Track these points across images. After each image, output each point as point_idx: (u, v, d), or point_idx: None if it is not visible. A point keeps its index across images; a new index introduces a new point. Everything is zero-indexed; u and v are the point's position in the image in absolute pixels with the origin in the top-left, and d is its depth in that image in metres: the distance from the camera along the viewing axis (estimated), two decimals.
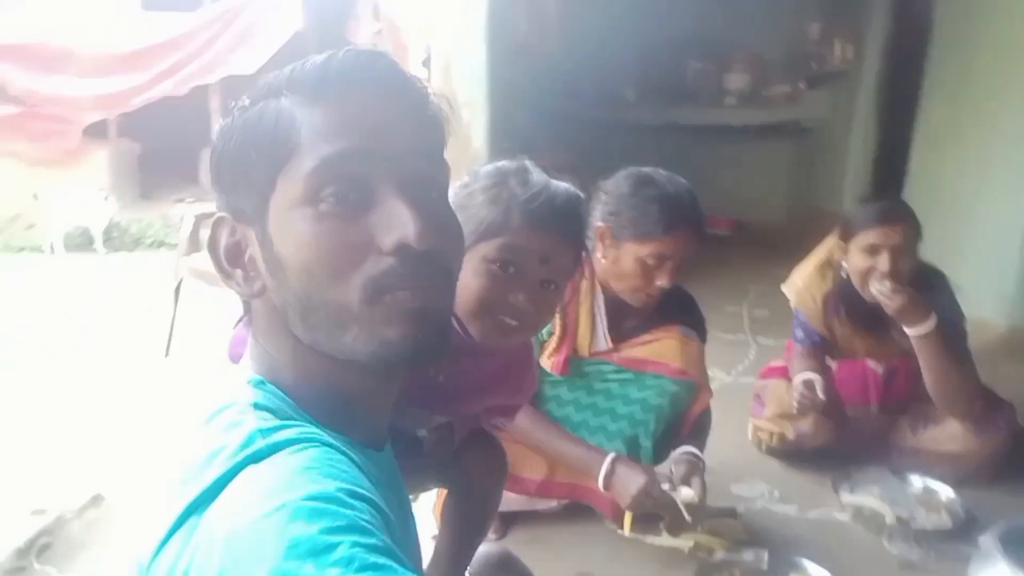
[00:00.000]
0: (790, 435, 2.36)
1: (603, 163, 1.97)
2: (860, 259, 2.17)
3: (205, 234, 1.01)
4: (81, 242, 5.92)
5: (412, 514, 0.90)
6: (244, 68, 5.97)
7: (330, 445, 0.65)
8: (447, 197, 0.76)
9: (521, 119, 4.27)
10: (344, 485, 0.60)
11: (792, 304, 2.48)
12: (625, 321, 1.96)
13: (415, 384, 0.85)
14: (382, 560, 0.54)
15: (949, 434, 2.25)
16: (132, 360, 3.46)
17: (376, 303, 0.67)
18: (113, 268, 5.46)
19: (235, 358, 1.11)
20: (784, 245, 4.94)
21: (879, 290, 2.10)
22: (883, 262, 2.11)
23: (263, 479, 0.59)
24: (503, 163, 1.16)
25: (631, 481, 1.76)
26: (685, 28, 6.25)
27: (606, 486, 1.80)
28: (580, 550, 1.94)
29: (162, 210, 6.31)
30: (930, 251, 2.29)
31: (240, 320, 1.16)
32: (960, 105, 3.98)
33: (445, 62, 3.45)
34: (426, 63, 4.18)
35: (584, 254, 1.18)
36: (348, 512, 0.57)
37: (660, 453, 1.98)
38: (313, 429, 0.67)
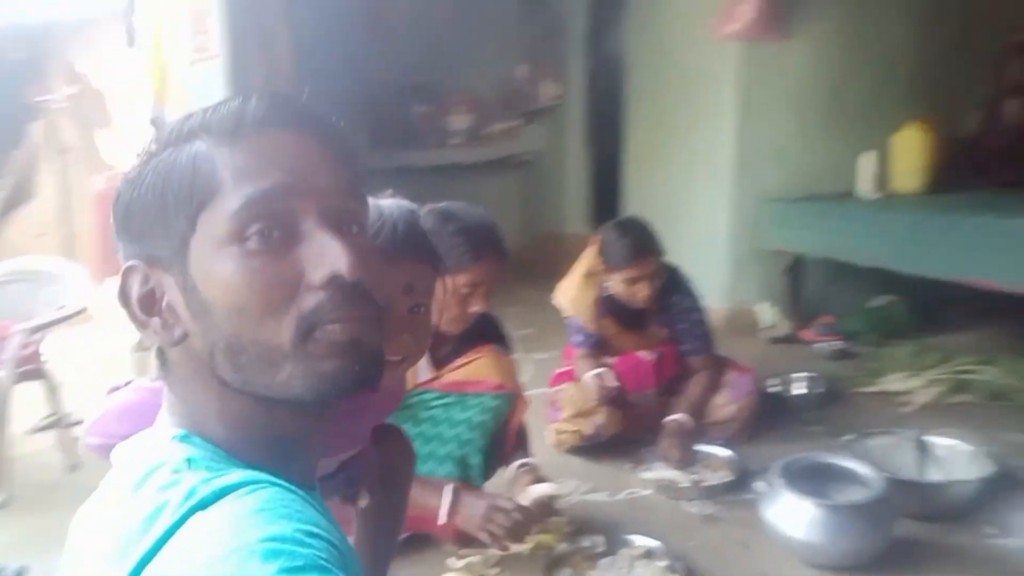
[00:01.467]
0: (588, 430, 2.59)
1: None
2: (622, 287, 2.55)
3: None
4: None
5: (351, 547, 0.91)
6: None
7: (279, 485, 0.65)
8: (366, 233, 0.77)
9: None
10: (300, 525, 0.60)
11: (566, 313, 2.74)
12: (441, 349, 2.05)
13: None
14: None
15: (715, 404, 2.63)
16: None
17: (308, 338, 0.67)
18: None
19: (98, 449, 1.01)
20: (527, 269, 5.33)
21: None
22: (642, 289, 2.51)
23: (214, 523, 0.58)
24: None
25: (476, 507, 1.84)
26: (406, 75, 6.51)
27: (451, 517, 1.86)
28: None
29: None
30: None
31: (114, 391, 1.07)
32: (659, 130, 4.59)
33: None
34: (155, 121, 3.96)
35: (440, 263, 1.16)
36: (305, 551, 0.57)
37: (488, 471, 2.10)
38: (256, 472, 0.66)
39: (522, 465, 2.05)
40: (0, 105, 5.78)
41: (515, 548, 2.03)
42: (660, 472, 2.46)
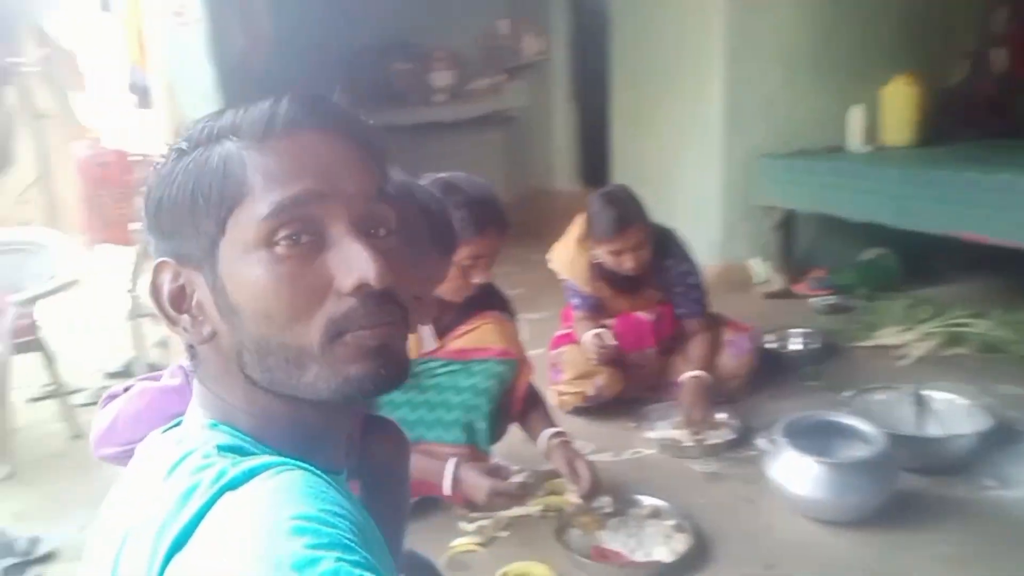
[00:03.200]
0: (590, 391, 2.62)
1: None
2: (609, 258, 2.54)
3: None
4: None
5: (379, 532, 0.92)
6: None
7: (304, 467, 0.67)
8: (394, 234, 0.76)
9: None
10: (325, 505, 0.62)
11: (562, 276, 2.75)
12: (444, 317, 2.06)
13: None
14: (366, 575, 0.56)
15: (715, 363, 2.66)
16: None
17: (336, 342, 0.68)
18: None
19: (114, 459, 1.02)
20: (514, 227, 5.32)
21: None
22: (627, 260, 2.50)
23: (243, 503, 0.60)
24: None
25: (478, 486, 1.86)
26: (385, 33, 6.40)
27: (454, 492, 1.89)
28: (440, 541, 1.99)
29: None
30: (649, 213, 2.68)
31: (112, 399, 1.08)
32: (646, 90, 4.56)
33: (168, 86, 3.23)
34: (135, 88, 3.88)
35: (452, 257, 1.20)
36: (330, 531, 0.59)
37: (494, 432, 2.13)
38: (283, 456, 0.68)
39: (555, 435, 2.07)
40: None
41: (524, 510, 2.08)
42: (663, 431, 2.50)
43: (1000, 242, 2.72)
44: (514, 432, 2.21)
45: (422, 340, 2.03)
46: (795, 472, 1.99)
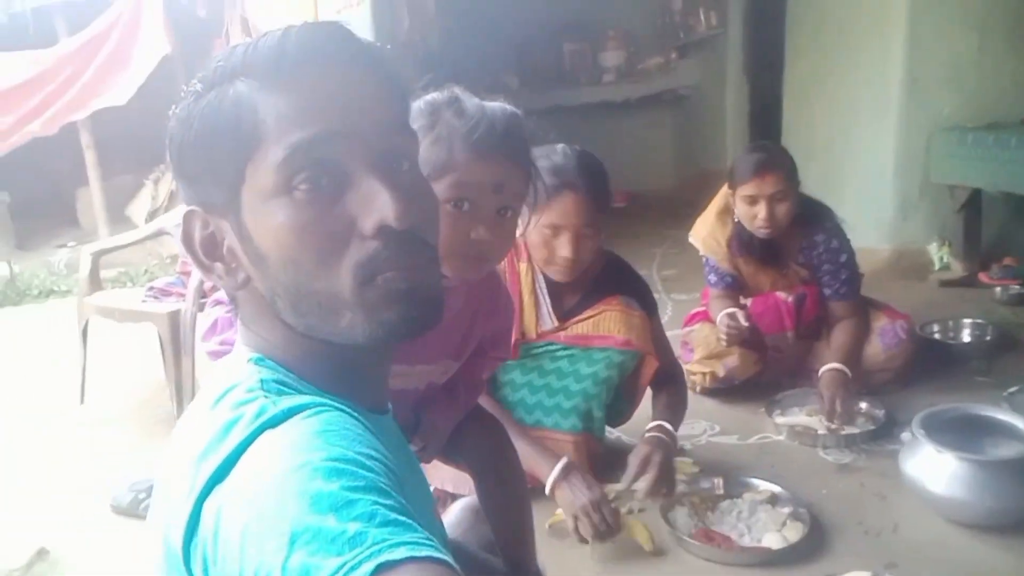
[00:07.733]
0: (720, 372, 2.51)
1: None
2: (743, 207, 2.40)
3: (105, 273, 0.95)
4: None
5: (423, 476, 0.93)
6: (114, 100, 5.70)
7: (342, 410, 0.66)
8: (418, 166, 0.74)
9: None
10: (361, 448, 0.61)
11: (700, 252, 2.64)
12: (567, 298, 2.03)
13: None
14: (401, 519, 0.55)
15: (863, 353, 2.46)
16: (48, 412, 3.30)
17: (368, 286, 0.67)
18: (3, 324, 5.16)
19: (213, 356, 1.13)
20: (677, 208, 5.18)
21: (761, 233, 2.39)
22: (760, 210, 2.35)
23: (281, 442, 0.60)
24: (432, 96, 1.10)
25: (578, 495, 1.76)
26: (557, 13, 6.43)
27: (553, 490, 1.80)
28: (541, 509, 1.98)
29: (43, 258, 5.99)
30: (814, 192, 2.51)
31: (212, 305, 1.20)
32: (820, 58, 4.26)
33: None
34: None
35: (533, 170, 1.14)
36: (367, 474, 0.58)
37: (615, 418, 2.15)
38: (322, 397, 0.68)
39: (650, 430, 1.94)
40: (195, 66, 6.28)
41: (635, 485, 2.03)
42: (795, 418, 2.36)
43: None
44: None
45: (541, 319, 2.02)
46: (931, 468, 1.81)
